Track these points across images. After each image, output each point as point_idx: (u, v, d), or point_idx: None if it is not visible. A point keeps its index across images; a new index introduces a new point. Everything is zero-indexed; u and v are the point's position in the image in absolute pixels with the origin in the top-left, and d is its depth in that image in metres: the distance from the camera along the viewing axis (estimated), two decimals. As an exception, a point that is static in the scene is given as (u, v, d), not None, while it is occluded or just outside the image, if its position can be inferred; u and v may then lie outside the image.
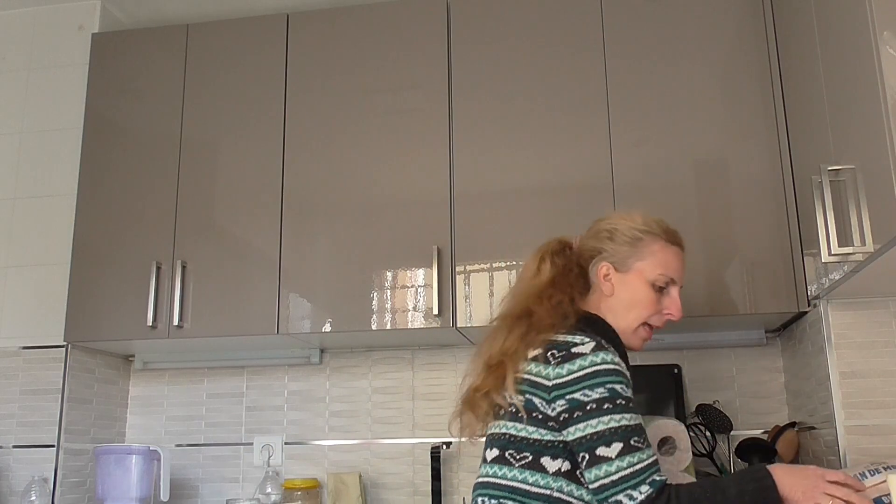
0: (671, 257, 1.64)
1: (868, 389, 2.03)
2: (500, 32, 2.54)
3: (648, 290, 1.61)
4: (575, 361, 1.42)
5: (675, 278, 1.63)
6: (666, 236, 1.66)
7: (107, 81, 2.74)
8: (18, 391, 2.57)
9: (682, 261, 1.67)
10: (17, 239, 2.70)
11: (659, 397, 2.52)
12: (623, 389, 1.41)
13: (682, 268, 1.66)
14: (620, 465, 1.35)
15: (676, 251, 1.66)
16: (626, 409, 1.40)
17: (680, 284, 1.65)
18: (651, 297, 1.61)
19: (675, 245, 1.67)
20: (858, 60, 1.67)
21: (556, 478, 1.41)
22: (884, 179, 1.55)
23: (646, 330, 1.62)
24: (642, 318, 1.60)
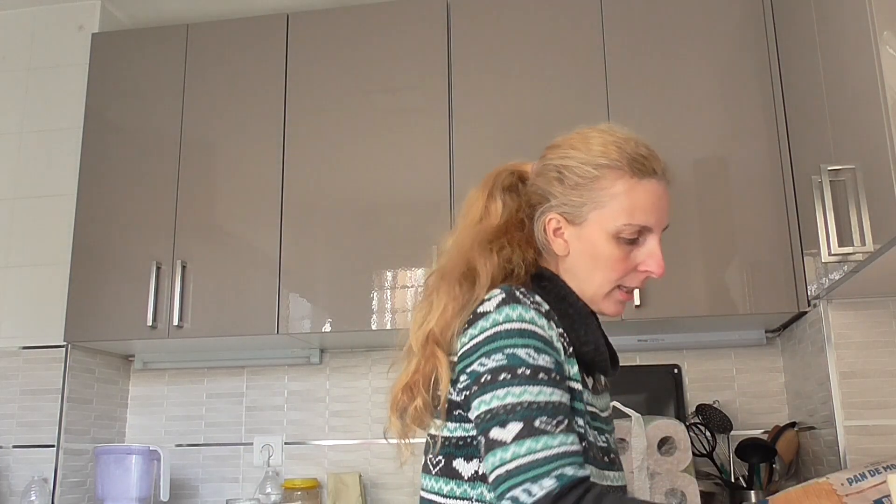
0: (641, 197, 1.17)
1: (868, 389, 2.03)
2: (500, 32, 2.54)
3: (613, 246, 1.17)
4: (477, 324, 1.08)
5: (648, 225, 1.16)
6: (632, 168, 1.17)
7: (107, 81, 2.74)
8: (18, 391, 2.57)
9: (662, 196, 1.19)
10: (17, 239, 2.70)
11: (659, 397, 2.52)
12: (529, 355, 1.04)
13: (661, 207, 1.18)
14: (517, 451, 0.99)
15: (650, 187, 1.18)
16: (533, 380, 1.03)
17: (661, 228, 1.19)
18: (617, 255, 1.17)
19: (648, 178, 1.18)
20: (858, 60, 1.67)
21: (473, 484, 1.10)
22: (884, 179, 1.55)
23: (622, 293, 1.21)
24: (612, 282, 1.19)
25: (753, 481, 2.25)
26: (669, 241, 2.27)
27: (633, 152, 1.19)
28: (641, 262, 1.18)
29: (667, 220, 1.20)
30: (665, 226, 1.19)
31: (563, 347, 1.10)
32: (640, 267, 1.18)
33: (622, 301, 1.22)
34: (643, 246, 1.18)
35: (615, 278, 1.19)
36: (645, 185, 1.17)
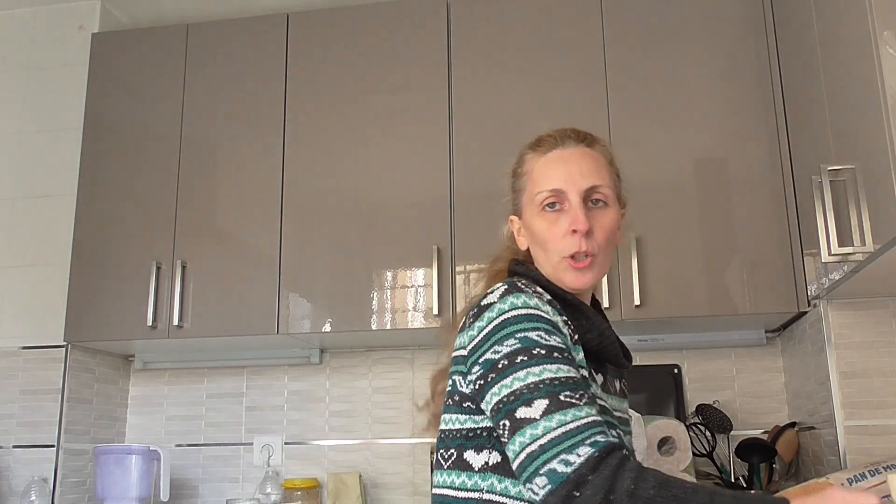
0: (547, 166, 1.26)
1: (868, 389, 2.03)
2: (500, 32, 2.54)
3: (540, 218, 1.24)
4: (483, 316, 1.13)
5: (559, 187, 1.22)
6: (534, 148, 1.31)
7: (107, 81, 2.74)
8: (18, 391, 2.57)
9: (569, 160, 1.25)
10: (17, 239, 2.70)
11: (659, 397, 2.52)
12: (541, 336, 1.09)
13: (569, 170, 1.23)
14: (548, 425, 1.00)
15: (554, 155, 1.27)
16: (549, 358, 1.07)
17: (580, 189, 1.22)
18: (545, 225, 1.23)
19: (552, 149, 1.27)
20: (858, 60, 1.67)
21: (483, 475, 1.12)
22: (884, 179, 1.55)
23: (570, 262, 1.22)
24: (555, 253, 1.22)
25: (753, 481, 2.25)
26: (670, 241, 2.29)
27: (537, 138, 1.32)
28: (568, 224, 1.21)
29: (584, 182, 1.23)
30: (586, 187, 1.22)
31: (569, 334, 1.15)
32: (568, 228, 1.21)
33: (577, 269, 1.22)
34: (566, 210, 1.23)
35: (554, 249, 1.22)
36: (550, 155, 1.27)
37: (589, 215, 1.21)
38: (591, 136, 1.30)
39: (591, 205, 1.23)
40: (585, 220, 1.19)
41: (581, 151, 1.26)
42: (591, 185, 1.22)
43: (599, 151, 1.28)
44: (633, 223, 2.31)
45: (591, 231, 1.20)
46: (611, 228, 1.24)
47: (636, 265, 2.27)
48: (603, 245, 1.22)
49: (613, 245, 1.27)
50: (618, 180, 1.31)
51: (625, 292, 2.27)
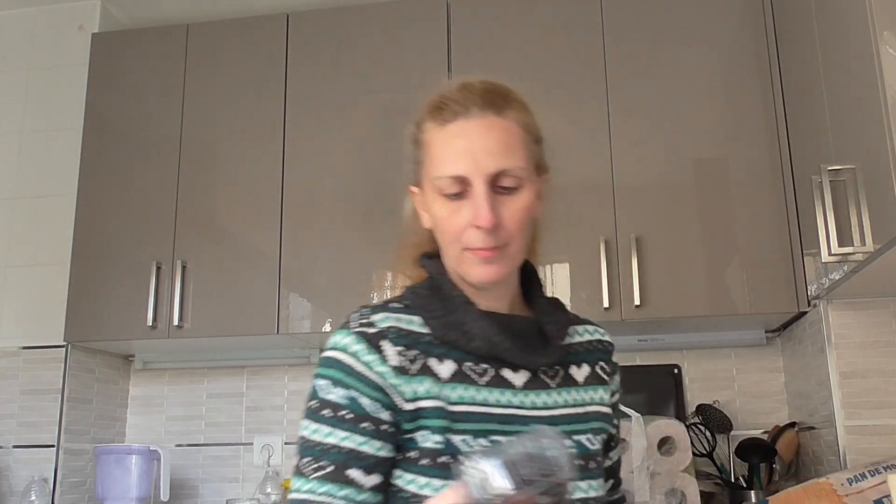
0: (446, 144, 1.02)
1: (868, 389, 2.03)
2: (500, 32, 2.54)
3: (440, 204, 1.03)
4: None
5: (460, 174, 0.99)
6: (435, 115, 1.05)
7: (107, 81, 2.74)
8: (18, 391, 2.57)
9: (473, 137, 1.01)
10: (17, 239, 2.70)
11: (659, 397, 2.52)
12: (322, 388, 0.98)
13: (473, 150, 1.00)
14: (293, 485, 0.96)
15: (456, 129, 1.02)
16: (314, 415, 0.96)
17: (485, 174, 0.99)
18: (444, 214, 1.02)
19: (454, 119, 1.02)
20: (858, 60, 1.67)
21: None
22: (884, 179, 1.55)
23: (473, 253, 1.01)
24: (455, 245, 1.02)
25: (753, 481, 2.25)
26: (670, 241, 2.29)
27: (436, 98, 1.06)
28: (471, 217, 0.99)
29: (491, 164, 0.98)
30: (493, 171, 0.99)
31: (403, 366, 0.98)
32: (471, 222, 0.99)
33: (480, 261, 1.01)
34: (470, 198, 1.00)
35: (452, 240, 1.02)
36: (451, 129, 1.02)
37: (497, 203, 0.99)
38: (503, 98, 1.05)
39: (502, 191, 1.00)
40: (490, 214, 0.97)
41: (488, 123, 1.01)
42: (498, 168, 0.99)
43: (512, 119, 1.04)
44: (634, 223, 2.31)
45: (498, 223, 0.99)
46: (524, 215, 1.02)
47: (636, 265, 2.27)
48: (515, 234, 1.01)
49: (531, 226, 1.07)
50: (537, 146, 1.08)
51: (625, 292, 2.27)
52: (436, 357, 1.00)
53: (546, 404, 1.04)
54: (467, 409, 0.98)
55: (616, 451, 1.18)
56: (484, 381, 1.01)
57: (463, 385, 0.99)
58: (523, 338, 1.05)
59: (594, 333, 1.17)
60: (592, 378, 1.10)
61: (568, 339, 1.11)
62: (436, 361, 1.00)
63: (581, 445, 1.04)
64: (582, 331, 1.15)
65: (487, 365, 1.01)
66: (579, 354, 1.12)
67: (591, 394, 1.09)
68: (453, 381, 0.99)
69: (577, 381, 1.09)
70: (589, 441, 1.05)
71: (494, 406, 1.00)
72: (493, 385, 1.01)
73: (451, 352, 1.01)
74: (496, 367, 1.02)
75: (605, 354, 1.15)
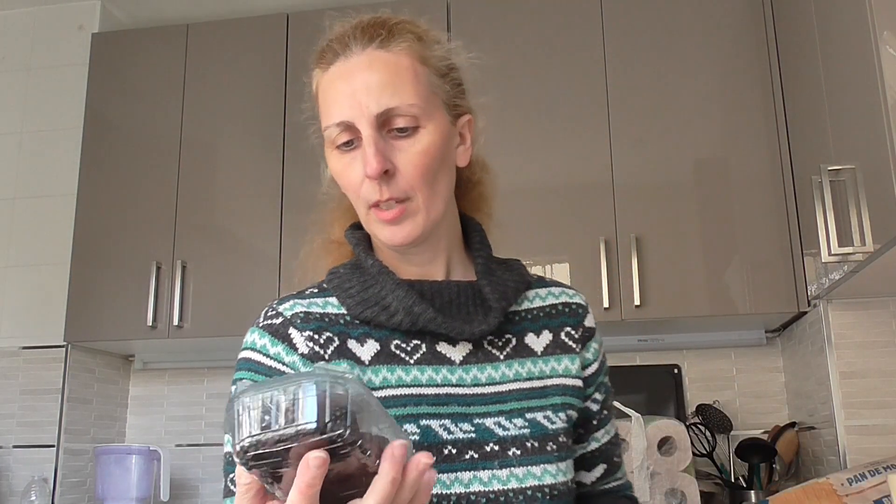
0: (328, 89, 0.92)
1: (868, 389, 2.03)
2: (500, 33, 2.54)
3: (335, 159, 0.94)
4: None
5: (344, 119, 0.89)
6: (318, 60, 0.96)
7: (107, 81, 2.74)
8: (18, 391, 2.57)
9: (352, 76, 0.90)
10: (17, 239, 2.70)
11: (659, 397, 2.52)
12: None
13: (352, 90, 0.89)
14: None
15: (336, 71, 0.92)
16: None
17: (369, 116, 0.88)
18: (338, 169, 0.94)
19: (334, 60, 0.93)
20: (858, 60, 1.67)
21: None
22: (884, 179, 1.55)
23: (377, 213, 0.91)
24: (358, 201, 0.93)
25: (753, 481, 2.25)
26: (670, 241, 2.29)
27: (321, 43, 0.98)
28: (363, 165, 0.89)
29: (374, 105, 0.87)
30: (377, 112, 0.87)
31: (315, 351, 0.90)
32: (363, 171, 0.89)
33: (385, 222, 0.90)
34: (360, 146, 0.89)
35: (353, 196, 0.93)
36: (330, 73, 0.92)
37: (390, 148, 0.88)
38: (388, 29, 0.93)
39: (397, 133, 0.89)
40: (376, 160, 0.86)
41: (370, 58, 0.90)
42: (385, 107, 0.87)
43: (402, 51, 0.92)
44: (634, 223, 2.31)
45: (394, 171, 0.88)
46: (427, 159, 0.89)
47: (636, 265, 2.27)
48: (419, 183, 0.89)
49: (445, 175, 0.93)
50: (442, 80, 0.95)
51: (625, 292, 2.27)
52: (354, 339, 0.90)
53: (492, 379, 0.92)
54: (392, 394, 0.88)
55: (603, 431, 1.03)
56: (414, 359, 0.90)
57: (387, 366, 0.89)
58: (455, 305, 0.93)
59: (560, 296, 1.01)
60: (554, 346, 0.97)
61: (526, 303, 0.98)
62: (355, 343, 0.90)
63: (536, 424, 0.91)
64: (545, 294, 1.00)
65: (419, 341, 0.91)
66: (539, 320, 0.98)
67: (554, 364, 0.96)
68: (376, 363, 0.89)
69: (534, 351, 0.95)
70: (547, 419, 0.92)
71: (427, 386, 0.89)
72: (425, 363, 0.90)
73: (374, 331, 0.91)
74: (431, 342, 0.91)
75: (574, 318, 1.00)
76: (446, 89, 0.95)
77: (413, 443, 0.86)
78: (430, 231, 0.92)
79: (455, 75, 0.98)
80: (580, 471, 1.02)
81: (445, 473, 0.87)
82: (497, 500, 0.87)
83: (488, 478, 0.88)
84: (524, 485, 0.88)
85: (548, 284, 1.03)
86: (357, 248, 0.97)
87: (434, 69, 0.94)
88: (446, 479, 0.86)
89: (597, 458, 1.02)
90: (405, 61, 0.91)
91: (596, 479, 1.02)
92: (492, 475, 0.88)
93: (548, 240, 2.33)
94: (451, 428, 0.89)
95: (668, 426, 2.09)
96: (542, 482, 0.89)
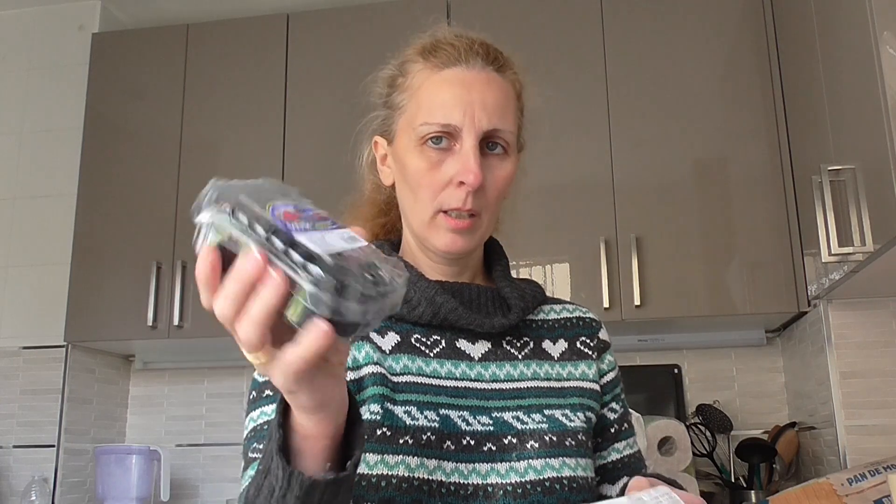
0: (440, 89, 0.93)
1: (868, 389, 2.03)
2: (500, 33, 2.53)
3: (417, 155, 0.93)
4: None
5: (453, 122, 0.91)
6: (427, 56, 0.98)
7: (107, 81, 2.74)
8: (18, 391, 2.57)
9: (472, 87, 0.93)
10: (17, 239, 2.70)
11: (659, 397, 2.52)
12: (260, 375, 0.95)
13: (469, 101, 0.91)
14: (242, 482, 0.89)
15: (454, 75, 0.94)
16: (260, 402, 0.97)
17: (478, 130, 0.91)
18: (423, 166, 0.92)
19: (453, 65, 0.95)
20: (858, 60, 1.67)
21: None
22: (884, 179, 1.55)
23: (447, 219, 0.92)
24: (429, 203, 0.92)
25: (753, 481, 2.25)
26: (670, 241, 2.29)
27: (429, 40, 1.00)
28: (456, 172, 0.90)
29: (487, 121, 0.91)
30: (487, 129, 0.91)
31: None
32: (455, 178, 0.91)
33: (452, 229, 0.92)
34: (456, 152, 0.91)
35: (428, 196, 0.92)
36: (447, 75, 0.94)
37: (483, 164, 0.91)
38: (504, 57, 0.99)
39: (488, 150, 0.93)
40: (479, 171, 0.89)
41: (488, 77, 0.94)
42: (493, 126, 0.91)
43: (511, 80, 0.98)
44: (634, 223, 2.31)
45: (482, 186, 0.91)
46: (506, 184, 0.95)
47: (636, 265, 2.27)
48: (493, 202, 0.94)
49: (502, 202, 0.98)
50: (523, 118, 1.01)
51: (625, 292, 2.27)
52: (376, 331, 0.91)
53: (510, 376, 0.94)
54: (412, 380, 0.89)
55: (625, 444, 1.02)
56: (434, 352, 0.92)
57: (408, 355, 0.91)
58: (476, 303, 0.96)
59: (574, 311, 1.05)
60: (571, 353, 0.99)
61: (542, 315, 1.02)
62: (375, 334, 0.91)
63: (555, 420, 0.92)
64: (559, 309, 1.04)
65: (439, 336, 0.93)
66: (555, 330, 1.01)
67: (571, 369, 0.98)
68: (397, 352, 0.91)
69: (551, 356, 0.98)
70: (565, 417, 0.93)
71: (446, 378, 0.90)
72: (445, 357, 0.92)
73: (395, 325, 0.93)
74: (451, 338, 0.93)
75: (588, 330, 1.03)
76: (522, 125, 1.01)
77: (433, 430, 0.86)
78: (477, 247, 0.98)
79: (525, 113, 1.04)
80: (604, 483, 1.01)
81: (464, 464, 0.87)
82: (514, 491, 0.86)
83: (506, 470, 0.87)
84: (542, 476, 0.88)
85: (563, 302, 1.07)
86: (382, 245, 1.00)
87: (523, 105, 1.01)
88: (464, 470, 0.86)
89: (620, 471, 1.01)
90: (511, 91, 0.98)
91: (620, 492, 1.00)
92: (509, 467, 0.88)
93: (548, 240, 2.33)
94: (470, 420, 0.89)
95: (668, 426, 2.09)
96: (561, 474, 0.88)
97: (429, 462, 0.85)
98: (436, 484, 0.84)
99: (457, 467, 0.86)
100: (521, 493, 0.86)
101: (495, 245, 1.07)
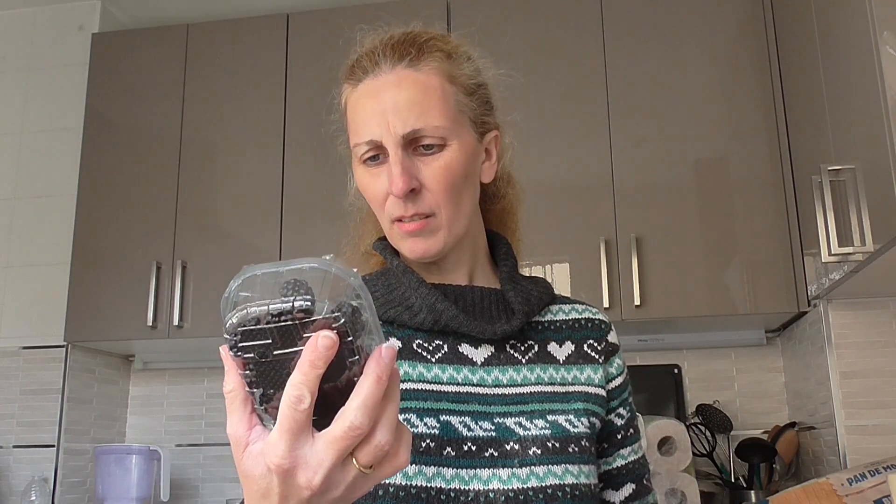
0: (357, 107, 0.95)
1: (868, 389, 2.03)
2: (500, 32, 2.54)
3: (361, 173, 0.96)
4: None
5: (372, 138, 0.91)
6: (348, 76, 1.00)
7: (107, 81, 2.74)
8: (18, 391, 2.57)
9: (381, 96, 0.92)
10: (17, 239, 2.70)
11: (659, 397, 2.52)
12: None
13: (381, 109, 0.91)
14: None
15: (365, 89, 0.94)
16: None
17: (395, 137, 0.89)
18: (365, 182, 0.95)
19: (364, 77, 0.95)
20: (858, 60, 1.67)
21: None
22: (884, 179, 1.55)
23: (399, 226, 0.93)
24: (384, 216, 0.95)
25: (753, 481, 2.25)
26: (670, 241, 2.29)
27: (353, 57, 1.00)
28: (388, 184, 0.90)
29: (401, 125, 0.89)
30: (403, 133, 0.89)
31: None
32: (388, 189, 0.91)
33: (407, 234, 0.92)
34: (387, 162, 0.91)
35: (380, 210, 0.94)
36: (359, 90, 0.95)
37: (416, 166, 0.90)
38: (417, 48, 0.96)
39: (423, 150, 0.90)
40: (401, 179, 0.87)
41: (399, 77, 0.92)
42: (411, 128, 0.89)
43: (431, 70, 0.94)
44: (634, 223, 2.31)
45: (419, 188, 0.89)
46: (451, 176, 0.90)
47: (636, 265, 2.27)
48: (444, 200, 0.90)
49: (469, 191, 0.94)
50: (469, 98, 0.96)
51: (625, 292, 2.27)
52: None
53: (513, 381, 0.93)
54: (412, 387, 0.89)
55: (630, 450, 1.01)
56: (436, 358, 0.91)
57: (409, 361, 0.90)
58: (478, 308, 0.94)
59: (583, 312, 1.02)
60: (577, 356, 0.98)
61: (549, 315, 1.00)
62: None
63: (558, 426, 0.91)
64: (568, 309, 1.02)
65: (441, 341, 0.93)
66: (562, 332, 0.99)
67: (576, 373, 0.96)
68: (398, 358, 0.89)
69: (556, 359, 0.96)
70: (568, 422, 0.91)
71: (447, 384, 0.90)
72: (447, 362, 0.91)
73: (397, 330, 0.93)
74: (453, 343, 0.93)
75: (597, 332, 1.01)
76: (473, 107, 0.96)
77: (433, 437, 0.86)
78: (451, 246, 0.93)
79: (483, 92, 1.00)
80: (608, 489, 1.00)
81: (465, 469, 0.86)
82: (516, 498, 0.85)
83: (508, 476, 0.87)
84: (544, 483, 0.87)
85: (572, 302, 1.04)
86: (384, 252, 1.00)
87: (462, 87, 0.96)
88: (465, 476, 0.86)
89: (624, 477, 1.00)
90: (433, 81, 0.93)
91: (624, 499, 0.99)
92: (511, 473, 0.87)
93: (548, 240, 2.33)
94: (472, 425, 0.89)
95: (668, 426, 2.09)
96: (564, 481, 0.88)
97: (427, 469, 0.84)
98: (434, 491, 0.84)
99: (457, 473, 0.85)
100: (524, 499, 0.86)
101: (502, 244, 1.05)
